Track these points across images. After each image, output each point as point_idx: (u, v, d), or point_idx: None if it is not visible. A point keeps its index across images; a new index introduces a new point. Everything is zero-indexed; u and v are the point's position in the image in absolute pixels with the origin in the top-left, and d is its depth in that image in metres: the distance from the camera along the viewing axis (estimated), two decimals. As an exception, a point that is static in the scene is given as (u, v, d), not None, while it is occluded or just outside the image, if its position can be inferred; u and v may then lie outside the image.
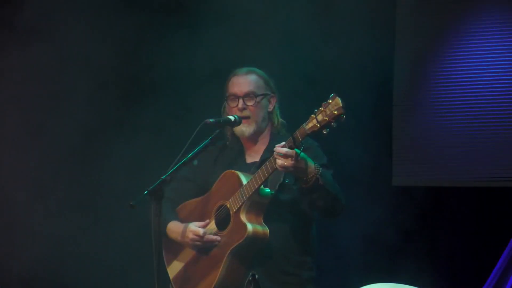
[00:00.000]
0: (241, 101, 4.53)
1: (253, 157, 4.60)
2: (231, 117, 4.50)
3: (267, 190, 4.38)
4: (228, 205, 4.41)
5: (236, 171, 4.44)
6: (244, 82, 4.56)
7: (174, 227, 4.54)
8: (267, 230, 4.36)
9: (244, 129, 4.53)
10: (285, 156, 4.15)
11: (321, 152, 4.50)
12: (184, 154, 4.33)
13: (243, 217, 4.34)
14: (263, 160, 4.45)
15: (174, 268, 4.58)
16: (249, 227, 4.31)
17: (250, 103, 4.53)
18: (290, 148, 4.17)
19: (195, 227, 4.44)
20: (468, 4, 6.24)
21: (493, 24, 6.17)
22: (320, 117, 4.10)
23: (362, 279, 3.99)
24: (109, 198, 6.04)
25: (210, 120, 4.46)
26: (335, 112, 4.07)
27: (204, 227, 4.45)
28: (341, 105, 4.07)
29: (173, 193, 4.56)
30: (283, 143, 4.21)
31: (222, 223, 4.44)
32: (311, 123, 4.13)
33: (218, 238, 4.42)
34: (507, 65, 6.12)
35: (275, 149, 4.21)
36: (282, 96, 4.67)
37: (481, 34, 6.19)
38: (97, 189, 6.15)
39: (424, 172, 6.30)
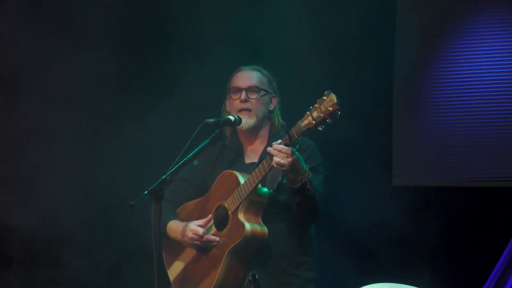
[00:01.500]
0: (243, 93, 4.54)
1: (251, 157, 4.60)
2: (231, 117, 4.50)
3: (265, 189, 4.38)
4: (226, 205, 4.41)
5: (234, 171, 4.44)
6: (249, 76, 4.59)
7: (174, 226, 4.54)
8: (265, 229, 4.37)
9: (245, 121, 4.53)
10: (280, 153, 4.15)
11: (316, 154, 4.50)
12: (184, 154, 4.33)
13: (241, 217, 4.34)
14: (261, 160, 4.45)
15: (174, 270, 4.58)
16: (247, 226, 4.31)
17: (252, 97, 4.54)
18: (286, 145, 4.18)
19: (195, 227, 4.44)
20: (468, 4, 6.24)
21: (493, 24, 6.18)
22: (315, 114, 4.10)
23: (362, 279, 3.99)
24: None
25: (210, 120, 4.46)
26: (330, 108, 4.06)
27: (204, 225, 4.45)
28: (336, 101, 4.06)
29: (171, 195, 4.56)
30: (279, 140, 4.22)
31: (221, 224, 4.44)
32: (307, 120, 4.13)
33: (217, 238, 4.42)
34: (507, 65, 6.12)
35: (270, 148, 4.22)
36: (280, 94, 4.67)
37: (481, 34, 6.19)
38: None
39: (424, 172, 6.30)
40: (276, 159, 4.17)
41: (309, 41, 6.16)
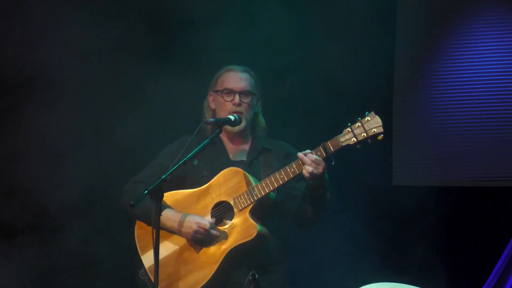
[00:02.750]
0: (237, 96, 4.55)
1: (238, 155, 4.61)
2: (231, 117, 4.50)
3: (271, 192, 4.41)
4: (232, 203, 4.41)
5: (242, 170, 4.44)
6: (242, 79, 4.60)
7: (171, 216, 4.48)
8: (267, 231, 4.40)
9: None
10: (314, 163, 4.18)
11: None
12: (184, 154, 4.32)
13: (250, 217, 4.36)
14: (252, 159, 4.51)
15: (151, 257, 4.42)
16: (259, 228, 4.35)
17: (245, 100, 4.57)
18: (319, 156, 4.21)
19: (202, 220, 4.39)
20: (468, 4, 6.25)
21: (493, 24, 6.18)
22: (357, 132, 4.14)
23: (362, 278, 3.99)
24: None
25: (211, 120, 4.49)
26: (375, 130, 4.13)
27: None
28: (381, 124, 4.11)
29: (149, 180, 4.39)
30: (309, 150, 4.24)
31: (219, 219, 4.44)
32: (347, 136, 4.17)
33: (218, 233, 4.41)
34: (506, 64, 6.12)
35: (301, 155, 4.22)
36: (280, 98, 4.67)
37: (481, 33, 6.20)
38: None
39: (424, 172, 6.30)
40: (309, 168, 4.20)
41: (309, 41, 6.16)
